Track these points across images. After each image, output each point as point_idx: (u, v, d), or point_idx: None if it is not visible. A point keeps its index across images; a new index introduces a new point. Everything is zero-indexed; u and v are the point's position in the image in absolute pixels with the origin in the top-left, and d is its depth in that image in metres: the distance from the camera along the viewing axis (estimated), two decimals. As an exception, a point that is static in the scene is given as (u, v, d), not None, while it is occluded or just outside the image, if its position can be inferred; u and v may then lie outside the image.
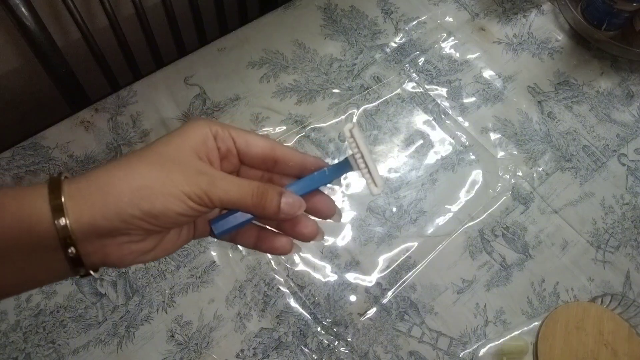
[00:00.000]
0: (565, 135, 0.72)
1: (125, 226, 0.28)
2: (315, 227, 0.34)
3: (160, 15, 0.79)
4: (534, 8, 0.84)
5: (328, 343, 0.56)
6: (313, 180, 0.34)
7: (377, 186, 0.34)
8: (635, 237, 0.66)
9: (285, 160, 0.34)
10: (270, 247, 0.35)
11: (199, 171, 0.30)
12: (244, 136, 0.33)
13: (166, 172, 0.29)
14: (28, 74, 0.79)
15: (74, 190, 0.27)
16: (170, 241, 0.32)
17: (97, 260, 0.29)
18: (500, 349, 0.56)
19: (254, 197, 0.30)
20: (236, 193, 0.30)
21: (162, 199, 0.28)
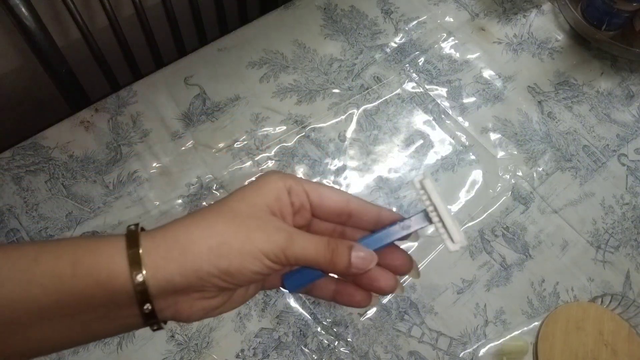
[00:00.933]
0: (565, 135, 0.72)
1: (201, 283, 0.28)
2: (394, 281, 0.33)
3: (160, 15, 0.79)
4: (534, 8, 0.84)
5: (328, 343, 0.56)
6: (387, 234, 0.33)
7: (454, 242, 0.33)
8: (635, 237, 0.66)
9: (360, 214, 0.34)
10: (350, 301, 0.34)
11: (276, 228, 0.30)
12: (317, 190, 0.33)
13: (244, 230, 0.29)
14: (28, 74, 0.79)
15: (151, 245, 0.27)
16: (240, 295, 0.32)
17: (168, 315, 0.29)
18: (500, 349, 0.56)
19: (326, 253, 0.30)
20: (312, 250, 0.30)
21: (240, 257, 0.28)
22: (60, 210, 0.60)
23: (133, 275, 0.26)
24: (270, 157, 0.66)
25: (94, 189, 0.62)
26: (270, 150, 0.67)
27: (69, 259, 0.26)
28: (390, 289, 0.33)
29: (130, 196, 0.62)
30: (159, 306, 0.27)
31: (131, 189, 0.62)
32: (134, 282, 0.26)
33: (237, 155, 0.66)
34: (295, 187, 0.32)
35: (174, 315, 0.29)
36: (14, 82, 0.79)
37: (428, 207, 0.33)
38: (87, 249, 0.27)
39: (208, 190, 0.63)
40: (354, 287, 0.34)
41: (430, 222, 0.33)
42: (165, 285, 0.27)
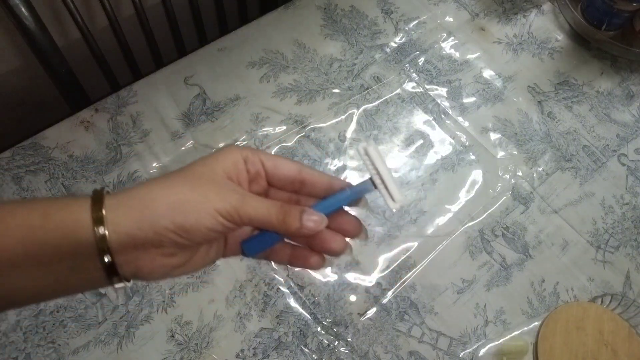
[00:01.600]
0: (565, 135, 0.72)
1: (159, 238, 0.30)
2: (343, 242, 0.36)
3: (160, 15, 0.79)
4: (534, 8, 0.84)
5: (328, 343, 0.56)
6: (336, 199, 0.36)
7: (394, 201, 0.35)
8: (635, 237, 0.66)
9: (312, 182, 0.36)
10: (304, 264, 0.37)
11: (231, 190, 0.32)
12: (272, 160, 0.36)
13: (202, 190, 0.31)
14: (28, 74, 0.79)
15: (114, 203, 0.30)
16: (200, 258, 0.34)
17: (129, 271, 0.30)
18: (500, 349, 0.56)
19: (278, 214, 0.32)
20: (263, 210, 0.32)
21: (196, 214, 0.30)
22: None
23: (95, 228, 0.28)
24: (270, 157, 0.66)
25: (94, 189, 0.62)
26: (270, 150, 0.67)
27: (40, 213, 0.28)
28: (341, 249, 0.36)
29: (130, 196, 0.62)
30: (120, 261, 0.29)
31: (131, 189, 0.62)
32: (96, 235, 0.28)
33: (237, 155, 0.66)
34: (252, 156, 0.35)
35: (135, 272, 0.31)
36: (14, 82, 0.79)
37: (372, 172, 0.36)
38: (57, 206, 0.29)
39: (208, 190, 0.63)
40: (307, 251, 0.37)
41: (375, 187, 0.36)
42: (125, 239, 0.29)
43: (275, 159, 0.36)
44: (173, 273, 0.33)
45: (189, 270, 0.33)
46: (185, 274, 0.34)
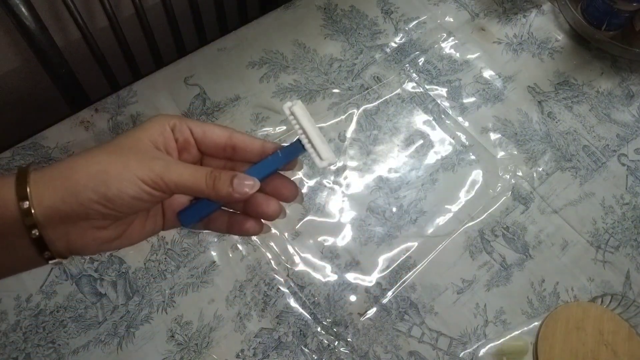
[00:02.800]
0: (565, 135, 0.72)
1: (84, 210, 0.29)
2: (278, 206, 0.36)
3: (160, 15, 0.79)
4: (534, 8, 0.84)
5: (328, 343, 0.56)
6: (268, 163, 0.35)
7: (322, 159, 0.34)
8: (635, 237, 0.66)
9: (244, 147, 0.36)
10: (240, 230, 0.37)
11: (154, 157, 0.32)
12: (201, 126, 0.35)
13: (123, 159, 0.31)
14: (28, 74, 0.79)
15: (38, 178, 0.29)
16: (136, 230, 0.34)
17: (62, 246, 0.30)
18: (500, 349, 0.56)
19: (207, 180, 0.32)
20: (190, 176, 0.32)
21: (117, 183, 0.30)
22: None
23: (20, 204, 0.28)
24: (270, 157, 0.66)
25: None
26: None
27: None
28: (275, 213, 0.36)
29: (130, 196, 0.62)
30: (50, 237, 0.30)
31: (131, 189, 0.62)
32: (21, 210, 0.28)
33: (237, 155, 0.66)
34: (179, 124, 0.34)
35: (67, 247, 0.31)
36: (14, 82, 0.79)
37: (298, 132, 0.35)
38: None
39: (208, 190, 0.63)
40: (244, 217, 0.37)
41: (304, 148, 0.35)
42: (50, 213, 0.29)
43: (204, 125, 0.35)
44: (108, 246, 0.32)
45: (126, 243, 0.33)
46: (122, 247, 0.33)
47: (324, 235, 0.62)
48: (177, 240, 0.60)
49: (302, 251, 0.61)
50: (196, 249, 0.60)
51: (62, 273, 0.57)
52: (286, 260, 0.60)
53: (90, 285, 0.56)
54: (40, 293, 0.55)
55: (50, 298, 0.55)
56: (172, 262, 0.58)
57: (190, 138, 0.35)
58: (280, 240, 0.61)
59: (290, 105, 0.35)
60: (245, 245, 0.60)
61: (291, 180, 0.37)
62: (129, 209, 0.31)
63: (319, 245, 0.61)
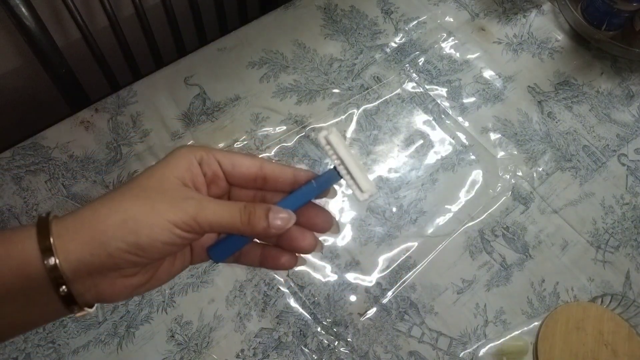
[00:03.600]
0: (565, 135, 0.72)
1: (113, 261, 0.28)
2: (314, 240, 0.34)
3: (160, 15, 0.79)
4: (534, 8, 0.84)
5: (328, 343, 0.56)
6: (302, 193, 0.34)
7: (362, 191, 0.33)
8: (635, 237, 0.66)
9: (275, 177, 0.34)
10: (275, 264, 0.35)
11: (185, 197, 0.30)
12: (229, 158, 0.33)
13: (150, 202, 0.29)
14: (28, 74, 0.79)
15: (61, 230, 0.27)
16: (165, 271, 0.32)
17: (90, 298, 0.29)
18: (500, 349, 0.56)
19: (242, 216, 0.30)
20: (225, 214, 0.30)
21: (147, 229, 0.28)
22: (60, 210, 0.60)
23: (45, 260, 0.26)
24: (270, 157, 0.66)
25: (94, 189, 0.62)
26: (270, 150, 0.67)
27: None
28: (311, 247, 0.34)
29: (130, 196, 0.62)
30: (78, 290, 0.28)
31: (131, 189, 0.62)
32: (46, 267, 0.26)
33: (237, 155, 0.66)
34: (206, 157, 0.32)
35: (96, 298, 0.29)
36: (14, 82, 0.79)
37: (336, 161, 0.33)
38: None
39: (208, 190, 0.63)
40: (278, 250, 0.35)
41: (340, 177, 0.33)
42: (78, 266, 0.27)
43: (232, 156, 0.33)
44: (138, 291, 0.31)
45: (155, 285, 0.32)
46: (152, 289, 0.32)
47: (323, 235, 0.62)
48: (177, 240, 0.60)
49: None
50: (196, 249, 0.59)
51: (62, 273, 0.56)
52: (286, 260, 0.60)
53: (90, 285, 0.56)
54: (40, 293, 0.55)
55: (50, 298, 0.55)
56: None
57: (219, 171, 0.33)
58: (280, 240, 0.61)
59: (326, 134, 0.33)
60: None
61: (326, 210, 0.35)
62: (160, 255, 0.29)
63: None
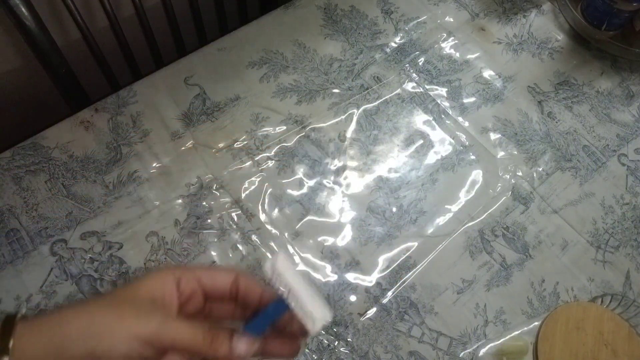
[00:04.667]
0: (565, 135, 0.72)
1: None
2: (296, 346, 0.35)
3: (160, 15, 0.79)
4: (534, 8, 0.84)
5: (328, 343, 0.56)
6: (264, 316, 0.34)
7: (314, 323, 0.31)
8: (635, 237, 0.66)
9: (245, 293, 0.35)
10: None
11: (150, 313, 0.30)
12: (209, 274, 0.34)
13: (118, 312, 0.29)
14: (28, 74, 0.79)
15: (25, 330, 0.28)
16: None
17: None
18: (500, 349, 0.56)
19: (205, 339, 0.31)
20: (187, 334, 0.30)
21: (109, 338, 0.28)
22: (60, 210, 0.60)
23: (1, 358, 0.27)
24: (270, 157, 0.66)
25: (94, 189, 0.62)
26: (270, 150, 0.67)
27: None
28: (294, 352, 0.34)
29: (130, 196, 0.62)
30: None
31: (131, 189, 0.62)
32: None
33: (237, 155, 0.66)
34: (186, 277, 0.33)
35: None
36: (14, 82, 0.79)
37: (283, 291, 0.32)
38: None
39: (208, 190, 0.63)
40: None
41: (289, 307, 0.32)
42: None
43: (211, 272, 0.34)
44: None
45: None
46: None
47: (324, 235, 0.62)
48: (177, 240, 0.60)
49: (302, 251, 0.61)
50: (196, 249, 0.60)
51: (62, 273, 0.57)
52: (286, 260, 0.60)
53: (90, 285, 0.56)
54: (40, 293, 0.55)
55: (50, 298, 0.55)
56: (172, 262, 0.58)
57: (197, 289, 0.34)
58: (280, 240, 0.61)
59: (272, 262, 0.33)
60: (245, 245, 0.60)
61: (293, 339, 0.35)
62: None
63: (319, 245, 0.61)
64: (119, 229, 0.60)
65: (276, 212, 0.63)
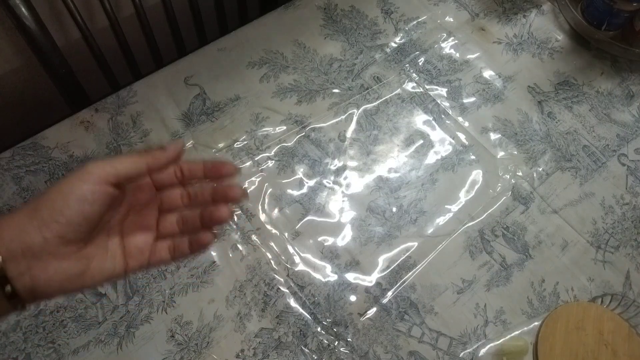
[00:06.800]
0: (565, 135, 0.72)
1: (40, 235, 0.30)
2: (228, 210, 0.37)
3: (160, 15, 0.79)
4: (534, 8, 0.84)
5: (328, 343, 0.56)
6: None
7: None
8: (635, 237, 0.66)
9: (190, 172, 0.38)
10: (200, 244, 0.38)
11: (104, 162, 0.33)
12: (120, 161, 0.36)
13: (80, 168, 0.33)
14: (28, 74, 0.79)
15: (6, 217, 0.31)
16: (97, 268, 0.34)
17: (25, 284, 0.31)
18: (500, 349, 0.56)
19: (145, 156, 0.34)
20: (131, 159, 0.34)
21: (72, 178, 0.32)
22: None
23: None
24: (270, 157, 0.66)
25: None
26: (270, 150, 0.67)
27: None
28: (228, 215, 0.37)
29: (130, 196, 0.62)
30: (13, 271, 0.30)
31: (131, 189, 0.62)
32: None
33: (237, 155, 0.66)
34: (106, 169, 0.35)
35: (31, 283, 0.31)
36: (14, 82, 0.79)
37: None
38: None
39: (208, 190, 0.63)
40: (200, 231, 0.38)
41: None
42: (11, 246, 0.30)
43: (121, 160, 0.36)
44: (72, 284, 0.33)
45: (89, 282, 0.34)
46: (86, 286, 0.34)
47: (324, 235, 0.62)
48: (177, 240, 0.60)
49: (302, 251, 0.61)
50: (196, 249, 0.59)
51: (62, 273, 0.56)
52: (286, 260, 0.60)
53: (90, 285, 0.56)
54: (40, 293, 0.55)
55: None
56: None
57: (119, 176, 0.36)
58: (280, 240, 0.61)
59: None
60: (245, 245, 0.60)
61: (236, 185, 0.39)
62: (79, 216, 0.31)
63: (319, 245, 0.61)
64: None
65: (276, 212, 0.63)
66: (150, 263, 0.37)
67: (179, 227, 0.38)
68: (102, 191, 0.32)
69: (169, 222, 0.38)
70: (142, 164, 0.34)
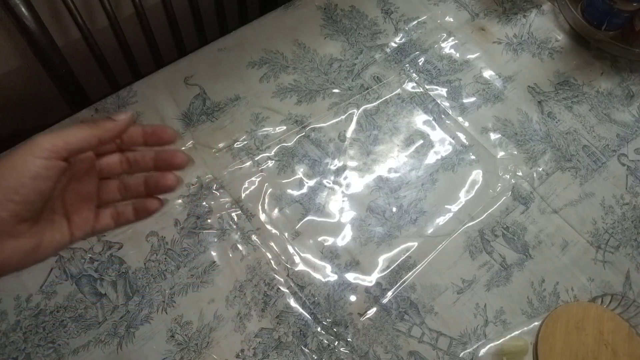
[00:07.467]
0: (565, 135, 0.72)
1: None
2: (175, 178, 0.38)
3: (160, 15, 0.79)
4: (534, 8, 0.84)
5: (328, 343, 0.56)
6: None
7: None
8: (635, 237, 0.66)
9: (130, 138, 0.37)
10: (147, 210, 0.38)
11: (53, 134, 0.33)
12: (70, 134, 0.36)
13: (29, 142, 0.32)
14: (28, 74, 0.79)
15: None
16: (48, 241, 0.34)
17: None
18: (500, 349, 0.56)
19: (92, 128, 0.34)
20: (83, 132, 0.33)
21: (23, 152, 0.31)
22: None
23: None
24: (270, 157, 0.66)
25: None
26: (270, 150, 0.67)
27: None
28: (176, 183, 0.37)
29: (130, 196, 0.62)
30: None
31: (131, 189, 0.62)
32: None
33: (237, 155, 0.66)
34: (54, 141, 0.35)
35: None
36: (14, 82, 0.79)
37: None
38: None
39: (208, 190, 0.63)
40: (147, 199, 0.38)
41: None
42: None
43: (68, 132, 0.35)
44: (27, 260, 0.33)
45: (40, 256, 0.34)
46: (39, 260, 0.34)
47: (324, 235, 0.62)
48: (177, 240, 0.60)
49: (302, 251, 0.61)
50: (196, 249, 0.60)
51: (62, 273, 0.57)
52: (286, 260, 0.60)
53: (90, 285, 0.56)
54: (40, 293, 0.55)
55: (50, 298, 0.55)
56: (172, 262, 0.58)
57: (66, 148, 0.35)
58: (280, 240, 0.61)
59: None
60: (245, 245, 0.60)
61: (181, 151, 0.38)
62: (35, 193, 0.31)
63: (319, 245, 0.61)
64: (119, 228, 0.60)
65: (276, 212, 0.63)
66: (95, 230, 0.37)
67: (120, 194, 0.38)
68: (55, 166, 0.32)
69: (110, 189, 0.38)
70: (93, 137, 0.33)
